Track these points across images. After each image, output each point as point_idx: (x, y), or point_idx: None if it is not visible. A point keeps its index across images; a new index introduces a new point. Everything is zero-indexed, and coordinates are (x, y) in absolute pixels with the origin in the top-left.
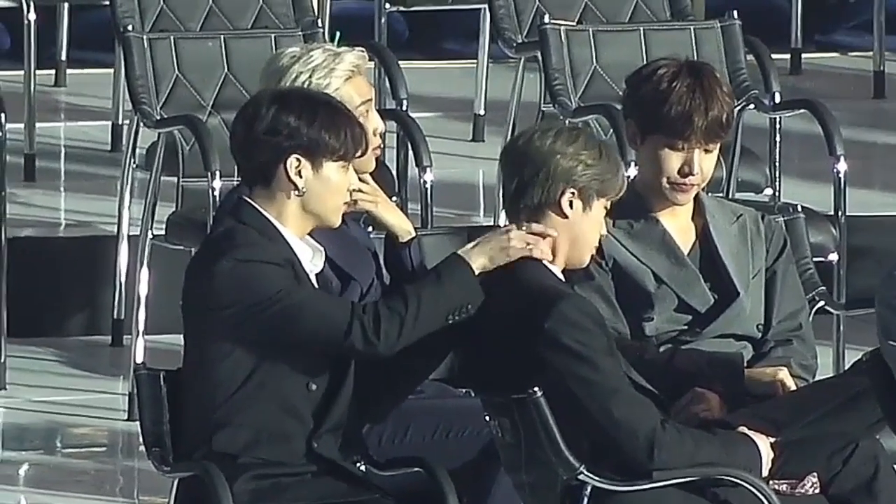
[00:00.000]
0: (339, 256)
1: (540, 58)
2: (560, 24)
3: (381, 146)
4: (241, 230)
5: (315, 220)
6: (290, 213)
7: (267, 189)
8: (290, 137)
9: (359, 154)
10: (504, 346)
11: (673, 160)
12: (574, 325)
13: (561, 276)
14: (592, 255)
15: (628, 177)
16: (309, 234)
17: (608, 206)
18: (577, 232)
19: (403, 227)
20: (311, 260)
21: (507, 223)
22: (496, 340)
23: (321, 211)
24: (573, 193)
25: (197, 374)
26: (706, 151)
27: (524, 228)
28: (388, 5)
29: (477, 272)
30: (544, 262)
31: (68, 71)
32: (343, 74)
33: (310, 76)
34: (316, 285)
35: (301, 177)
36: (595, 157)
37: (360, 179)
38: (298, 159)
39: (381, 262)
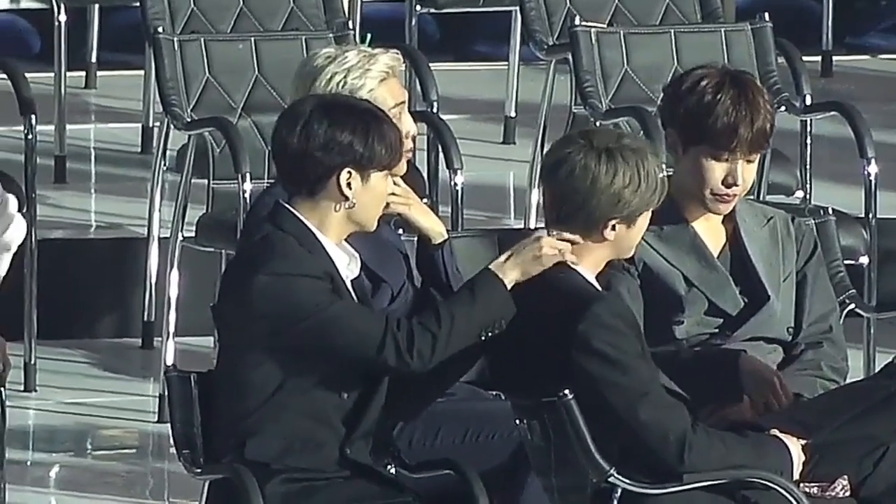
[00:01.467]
0: (370, 259)
1: (571, 60)
2: (591, 27)
3: (413, 149)
4: (280, 238)
5: (356, 228)
6: (332, 222)
7: (311, 199)
8: (343, 153)
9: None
10: (536, 349)
11: (717, 171)
12: (607, 327)
13: (594, 280)
14: (619, 259)
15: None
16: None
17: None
18: (621, 245)
19: (436, 229)
20: (348, 266)
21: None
22: (528, 343)
23: (365, 220)
24: (616, 220)
25: (229, 380)
26: (748, 161)
27: (554, 235)
28: (419, 7)
29: (510, 286)
30: (577, 267)
31: (98, 73)
32: (378, 76)
33: (345, 76)
34: (352, 291)
35: (351, 189)
36: (635, 186)
37: (393, 182)
38: (350, 172)
39: (412, 264)
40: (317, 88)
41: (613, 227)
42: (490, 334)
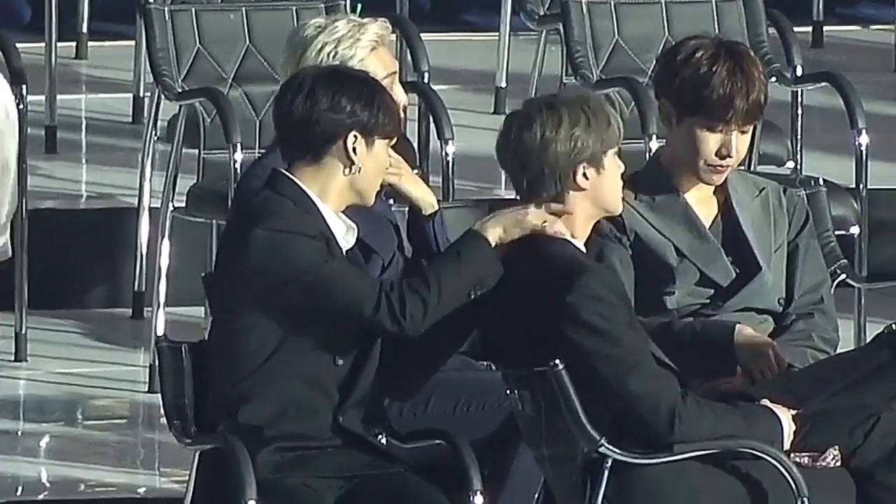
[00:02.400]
0: (361, 229)
1: (562, 30)
2: None
3: (404, 119)
4: (278, 200)
5: (356, 198)
6: (335, 188)
7: (315, 165)
8: (350, 117)
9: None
10: (526, 320)
11: (711, 142)
12: (597, 298)
13: (583, 249)
14: (612, 228)
15: (650, 150)
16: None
17: (618, 152)
18: (598, 192)
19: (427, 199)
20: (344, 236)
21: None
22: (518, 314)
23: (366, 188)
24: (584, 167)
25: (223, 346)
26: (742, 133)
27: (543, 207)
28: None
29: (493, 244)
30: (566, 237)
31: (89, 43)
32: (368, 45)
33: (335, 47)
34: (347, 260)
35: (356, 154)
36: (585, 124)
37: None
38: (356, 136)
39: (403, 235)
40: (307, 59)
41: (585, 176)
42: (478, 292)
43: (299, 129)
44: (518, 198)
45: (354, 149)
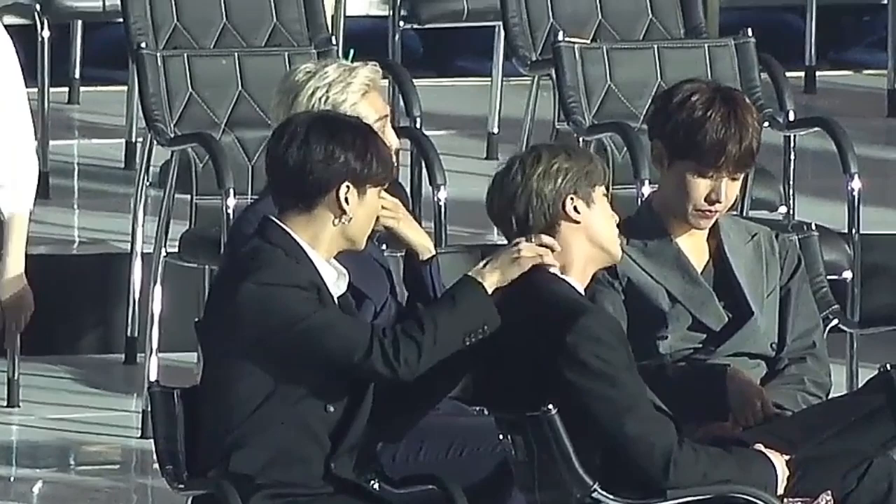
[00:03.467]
0: (353, 275)
1: (554, 76)
2: (574, 42)
3: (396, 164)
4: (268, 250)
5: (347, 245)
6: (326, 237)
7: (307, 213)
8: (343, 168)
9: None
10: (521, 361)
11: (700, 188)
12: (596, 339)
13: (581, 291)
14: (604, 273)
15: (642, 195)
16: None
17: (606, 194)
18: (594, 230)
19: (424, 244)
20: (336, 282)
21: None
22: (513, 354)
23: (357, 236)
24: (572, 199)
25: (215, 393)
26: (732, 179)
27: (533, 240)
28: (402, 22)
29: (490, 290)
30: (566, 278)
31: (82, 88)
32: (359, 89)
33: (326, 91)
34: (339, 308)
35: (349, 203)
36: (566, 158)
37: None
38: (348, 187)
39: (395, 280)
40: (299, 104)
41: (576, 209)
42: (474, 339)
43: (292, 178)
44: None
45: (346, 199)
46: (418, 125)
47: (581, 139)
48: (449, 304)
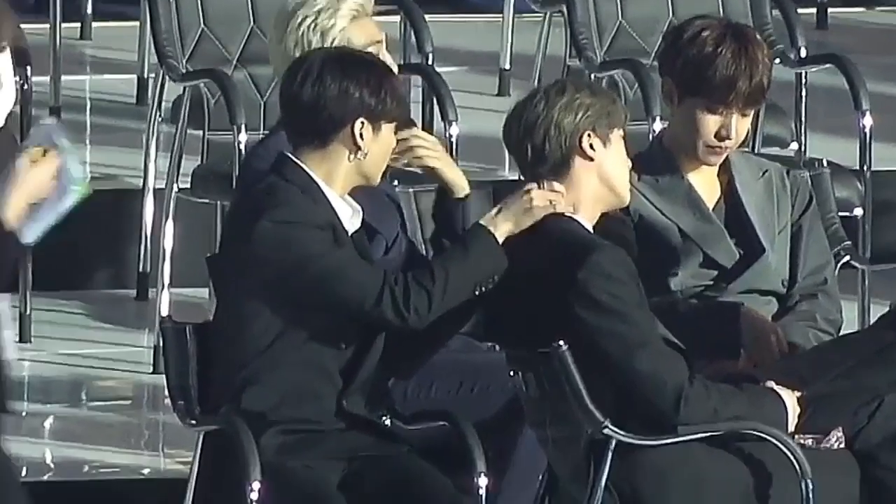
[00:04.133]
0: (365, 210)
1: (565, 12)
2: None
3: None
4: (284, 187)
5: (362, 180)
6: (341, 173)
7: (322, 150)
8: (359, 102)
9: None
10: (532, 298)
11: (711, 124)
12: (606, 276)
13: (590, 229)
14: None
15: (654, 132)
16: None
17: (624, 136)
18: (606, 170)
19: (461, 183)
20: (350, 219)
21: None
22: (524, 293)
23: (372, 172)
24: (589, 135)
25: (228, 330)
26: (743, 116)
27: (544, 186)
28: None
29: (502, 239)
30: (575, 216)
31: (93, 24)
32: (348, 14)
33: (315, 18)
34: (353, 244)
35: (363, 139)
36: (589, 95)
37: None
38: (363, 122)
39: (406, 216)
40: (289, 33)
41: (591, 146)
42: (484, 289)
43: (307, 115)
44: (521, 176)
45: (361, 134)
46: (430, 61)
47: (593, 76)
48: (461, 253)
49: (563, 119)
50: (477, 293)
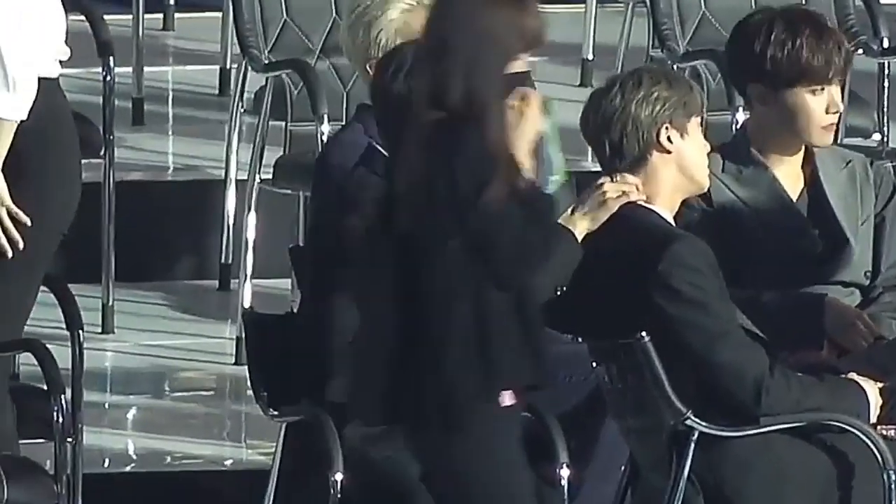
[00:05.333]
0: None
1: (648, 3)
2: None
3: None
4: (375, 183)
5: None
6: None
7: None
8: None
9: None
10: (613, 290)
11: (819, 105)
12: (688, 267)
13: (671, 220)
14: (698, 200)
15: (737, 122)
16: None
17: (702, 123)
18: (684, 160)
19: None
20: None
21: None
22: (606, 284)
23: None
24: (667, 128)
25: (311, 321)
26: (839, 85)
27: (617, 178)
28: None
29: (581, 237)
30: (653, 207)
31: (176, 15)
32: (400, 6)
33: (367, 8)
34: None
35: None
36: (666, 86)
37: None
38: None
39: None
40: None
41: (669, 139)
42: (563, 289)
43: (397, 108)
44: (601, 168)
45: None
46: None
47: (675, 66)
48: None
49: (640, 114)
50: (557, 293)
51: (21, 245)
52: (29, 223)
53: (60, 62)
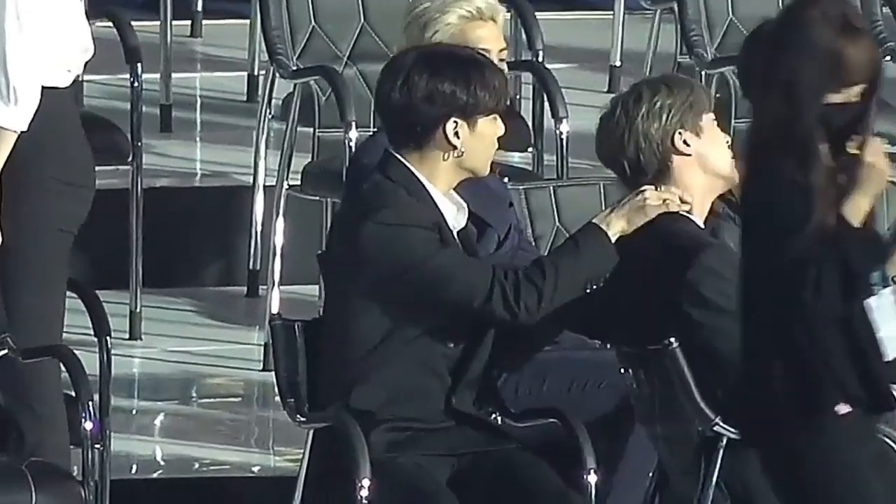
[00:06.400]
0: (475, 205)
1: (676, 9)
2: None
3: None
4: (390, 188)
5: (467, 174)
6: (442, 171)
7: (418, 151)
8: (447, 104)
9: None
10: (643, 297)
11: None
12: (717, 275)
13: (701, 224)
14: (724, 207)
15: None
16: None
17: (714, 118)
18: (706, 159)
19: None
20: (455, 216)
21: None
22: (635, 291)
23: (476, 166)
24: (680, 134)
25: (336, 328)
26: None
27: (660, 188)
28: None
29: (614, 238)
30: (683, 212)
31: (204, 21)
32: (458, 13)
33: (426, 9)
34: (459, 241)
35: (458, 138)
36: (667, 93)
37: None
38: (456, 122)
39: (518, 213)
40: (407, 22)
41: (685, 142)
42: (594, 287)
43: (399, 119)
44: (626, 188)
45: (456, 133)
46: (540, 58)
47: (703, 73)
48: (572, 250)
49: (648, 129)
50: (587, 290)
51: None
52: None
53: (85, 64)
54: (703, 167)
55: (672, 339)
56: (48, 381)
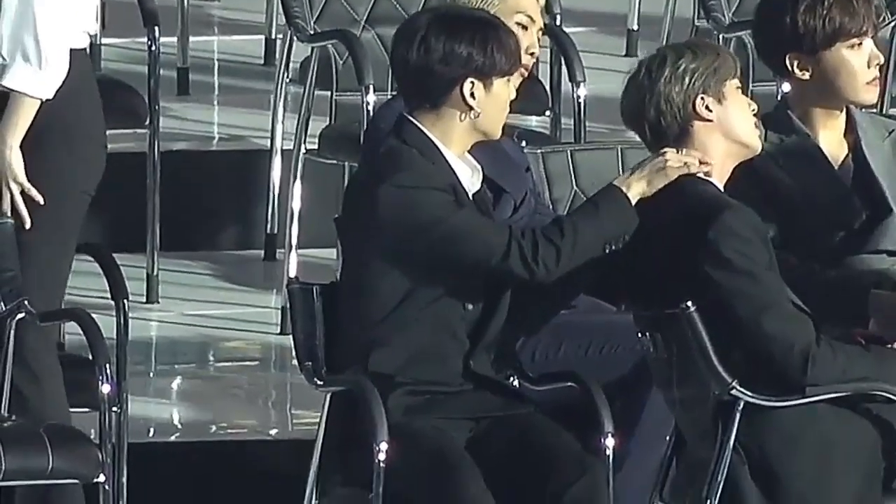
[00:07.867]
0: (491, 170)
1: None
2: None
3: (535, 63)
4: (405, 151)
5: (481, 136)
6: (457, 132)
7: (434, 111)
8: (464, 64)
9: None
10: (662, 259)
11: (860, 59)
12: (737, 236)
13: (721, 188)
14: (744, 169)
15: (782, 91)
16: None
17: (739, 85)
18: (728, 125)
19: None
20: (471, 178)
21: None
22: (653, 254)
23: (490, 128)
24: (702, 99)
25: (353, 291)
26: (872, 37)
27: (681, 152)
28: None
29: (634, 200)
30: (705, 176)
31: None
32: None
33: None
34: (474, 204)
35: (475, 98)
36: (691, 58)
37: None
38: (472, 82)
39: (534, 177)
40: None
41: (707, 108)
42: (613, 248)
43: (415, 80)
44: (649, 149)
45: (472, 94)
46: (558, 22)
47: (721, 36)
48: (592, 210)
49: (671, 91)
50: (607, 251)
51: (28, 225)
52: (42, 202)
53: (100, 29)
54: (725, 133)
55: (689, 303)
56: (40, 337)
